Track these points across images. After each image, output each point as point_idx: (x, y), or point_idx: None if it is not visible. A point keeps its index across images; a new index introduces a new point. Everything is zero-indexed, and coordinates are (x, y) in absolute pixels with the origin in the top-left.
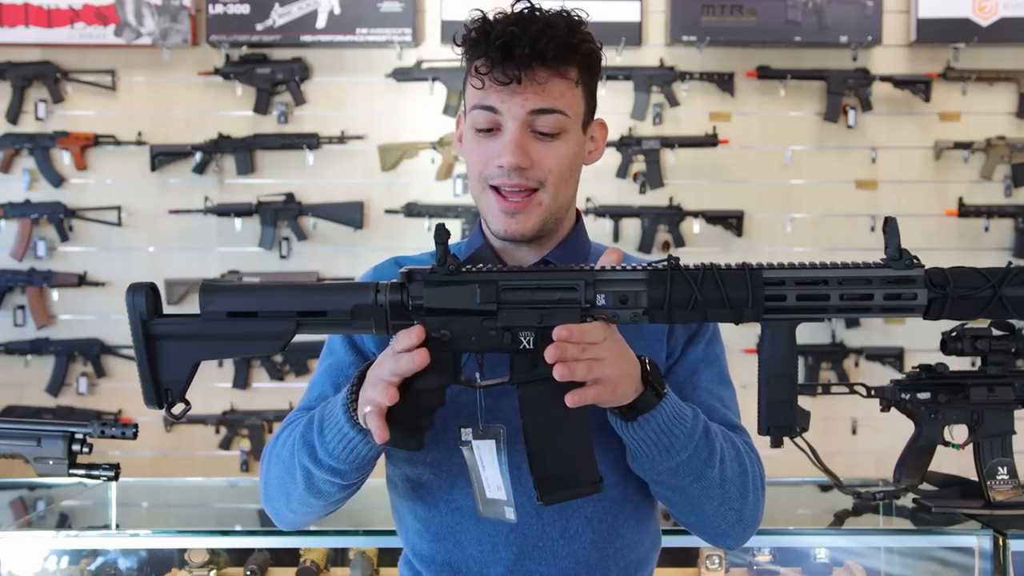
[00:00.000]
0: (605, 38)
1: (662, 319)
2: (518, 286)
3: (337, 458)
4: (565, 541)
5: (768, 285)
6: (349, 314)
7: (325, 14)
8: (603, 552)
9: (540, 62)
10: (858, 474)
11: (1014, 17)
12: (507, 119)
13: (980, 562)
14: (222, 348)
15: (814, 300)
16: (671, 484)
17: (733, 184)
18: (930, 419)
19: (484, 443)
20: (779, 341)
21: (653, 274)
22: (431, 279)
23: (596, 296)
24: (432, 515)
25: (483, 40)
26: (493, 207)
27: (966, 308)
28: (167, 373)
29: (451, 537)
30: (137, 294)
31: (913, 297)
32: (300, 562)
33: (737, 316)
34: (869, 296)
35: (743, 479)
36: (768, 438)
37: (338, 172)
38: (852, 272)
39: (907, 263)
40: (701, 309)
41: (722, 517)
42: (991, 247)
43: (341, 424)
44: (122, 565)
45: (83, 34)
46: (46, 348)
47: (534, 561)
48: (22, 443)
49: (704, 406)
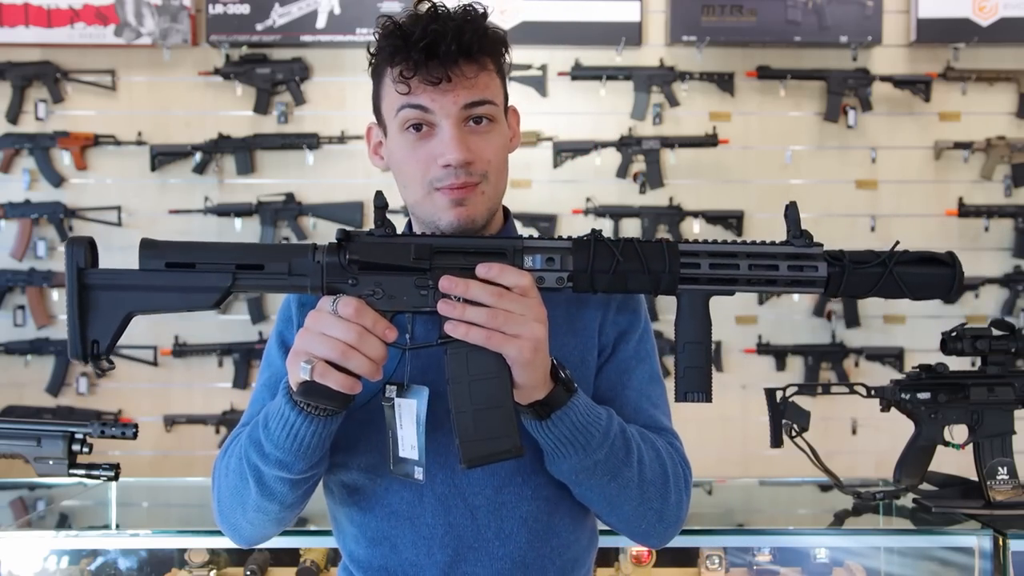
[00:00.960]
0: (605, 38)
1: (585, 285)
2: (450, 248)
3: (282, 447)
4: (500, 542)
5: (684, 256)
6: (286, 270)
7: (325, 14)
8: (539, 551)
9: (465, 57)
10: (858, 474)
11: (1014, 17)
12: (440, 118)
13: (980, 562)
14: (156, 299)
15: (725, 270)
16: (588, 484)
17: (733, 184)
18: (930, 419)
19: (405, 401)
20: (694, 311)
21: (577, 242)
22: (368, 240)
23: (524, 259)
24: (367, 520)
25: (403, 44)
26: (442, 203)
27: (861, 283)
28: (97, 325)
29: (387, 542)
30: (77, 246)
31: (813, 270)
32: (300, 562)
33: (655, 285)
34: (775, 267)
35: (663, 479)
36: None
37: (338, 172)
38: (759, 248)
39: (807, 242)
40: (621, 276)
41: (642, 517)
42: (991, 247)
43: (281, 407)
44: (122, 565)
45: (83, 34)
46: (46, 348)
47: (470, 563)
48: (22, 443)
49: (634, 406)
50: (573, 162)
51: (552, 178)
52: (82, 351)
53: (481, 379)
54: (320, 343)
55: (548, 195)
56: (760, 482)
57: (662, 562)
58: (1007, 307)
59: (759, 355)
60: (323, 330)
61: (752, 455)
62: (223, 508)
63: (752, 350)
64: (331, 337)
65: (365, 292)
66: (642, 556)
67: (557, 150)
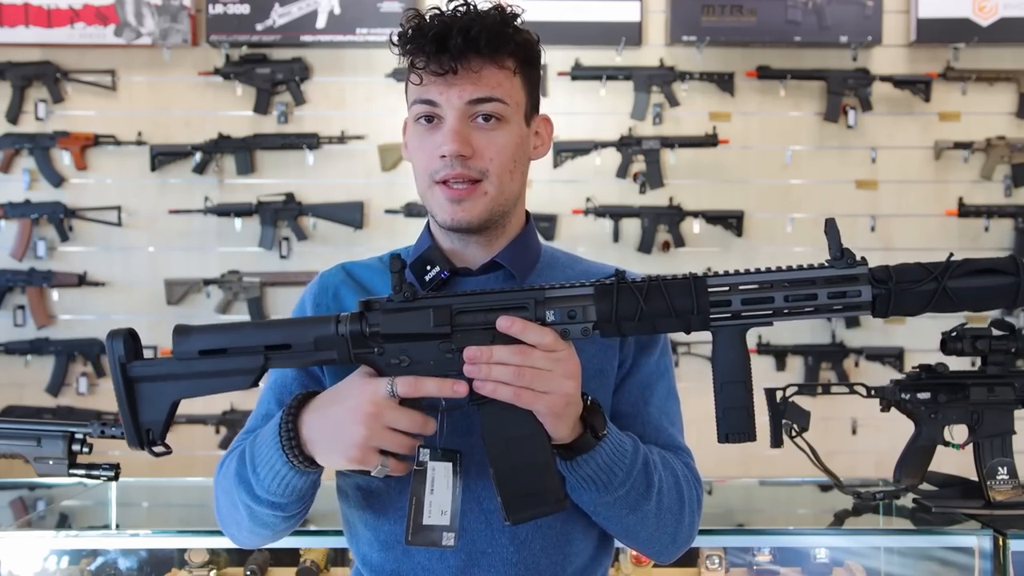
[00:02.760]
0: (605, 38)
1: (612, 332)
2: (470, 308)
3: (274, 493)
4: (515, 548)
5: (713, 292)
6: (312, 345)
7: (325, 14)
8: (552, 558)
9: (474, 51)
10: (858, 474)
11: (1014, 17)
12: (446, 110)
13: (980, 562)
14: (197, 386)
15: (759, 304)
16: (606, 515)
17: (733, 184)
18: (930, 419)
19: (441, 465)
20: (730, 347)
21: (600, 288)
22: (388, 307)
23: (546, 313)
24: (381, 523)
25: (418, 35)
26: (440, 198)
27: (912, 302)
28: (147, 414)
29: (399, 545)
30: (116, 339)
31: (857, 295)
32: (300, 562)
33: (685, 325)
34: (813, 296)
35: (679, 506)
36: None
37: (338, 172)
38: (796, 275)
39: (849, 262)
40: (648, 320)
41: (656, 540)
42: (991, 247)
43: (273, 462)
44: (122, 565)
45: (83, 34)
46: (46, 348)
47: (483, 568)
48: (22, 443)
49: (655, 425)
50: (573, 162)
51: (552, 178)
52: (138, 440)
53: (518, 437)
54: (391, 440)
55: (548, 195)
56: (760, 482)
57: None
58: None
59: (759, 355)
60: (392, 424)
61: (752, 455)
62: (222, 518)
63: (752, 350)
64: (399, 432)
65: (392, 361)
66: (642, 556)
67: (557, 150)
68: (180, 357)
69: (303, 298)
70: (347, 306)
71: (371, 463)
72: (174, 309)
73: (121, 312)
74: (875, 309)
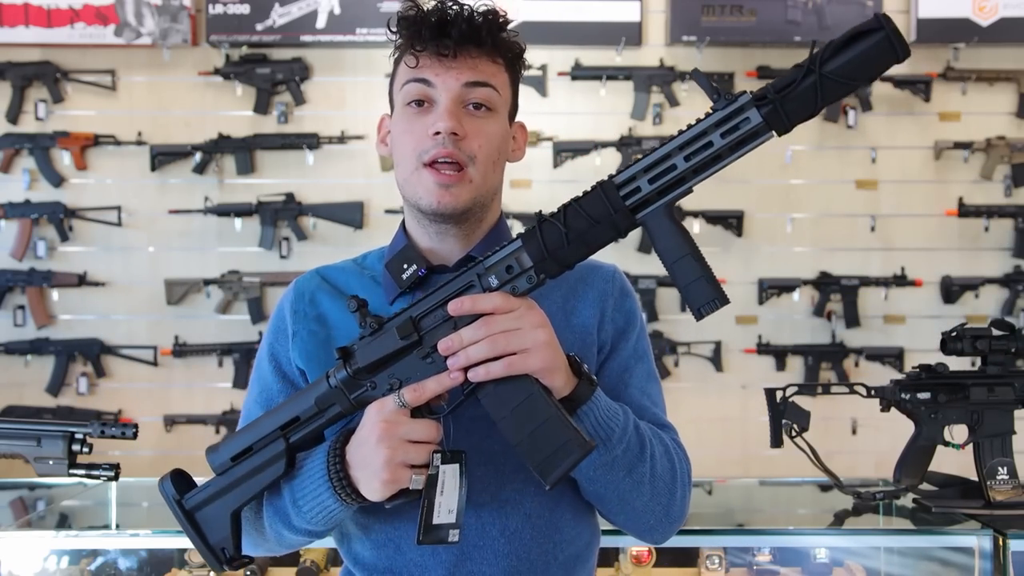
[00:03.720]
0: (605, 38)
1: (553, 268)
2: (428, 309)
3: (317, 524)
4: (506, 539)
5: (621, 187)
6: (315, 410)
7: (325, 14)
8: (543, 547)
9: (473, 42)
10: (858, 474)
11: (1014, 17)
12: (441, 92)
13: (980, 562)
14: (243, 491)
15: (666, 176)
16: (604, 480)
17: (733, 184)
18: (930, 419)
19: (450, 467)
20: (662, 229)
21: (525, 235)
22: (362, 344)
23: (490, 280)
24: (371, 522)
25: (419, 20)
26: (427, 182)
27: (802, 103)
28: (214, 536)
29: (391, 543)
30: (166, 483)
31: (747, 121)
32: (300, 562)
33: (614, 229)
34: (710, 144)
35: (672, 475)
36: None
37: (338, 172)
38: (687, 134)
39: (728, 99)
40: (579, 240)
41: (651, 512)
42: (991, 247)
43: (323, 499)
44: (122, 565)
45: (83, 34)
46: (46, 348)
47: (475, 562)
48: (22, 443)
49: (636, 405)
50: (573, 162)
51: (552, 178)
52: (217, 562)
53: (520, 405)
54: (414, 452)
55: (548, 195)
56: (760, 482)
57: (662, 562)
58: (1007, 307)
59: (759, 355)
60: (408, 436)
61: (752, 455)
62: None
63: (752, 350)
64: (419, 443)
65: (384, 389)
66: (642, 556)
67: (557, 150)
68: (219, 472)
69: (280, 306)
70: (325, 311)
71: (403, 479)
72: (174, 309)
73: (121, 312)
74: (772, 126)
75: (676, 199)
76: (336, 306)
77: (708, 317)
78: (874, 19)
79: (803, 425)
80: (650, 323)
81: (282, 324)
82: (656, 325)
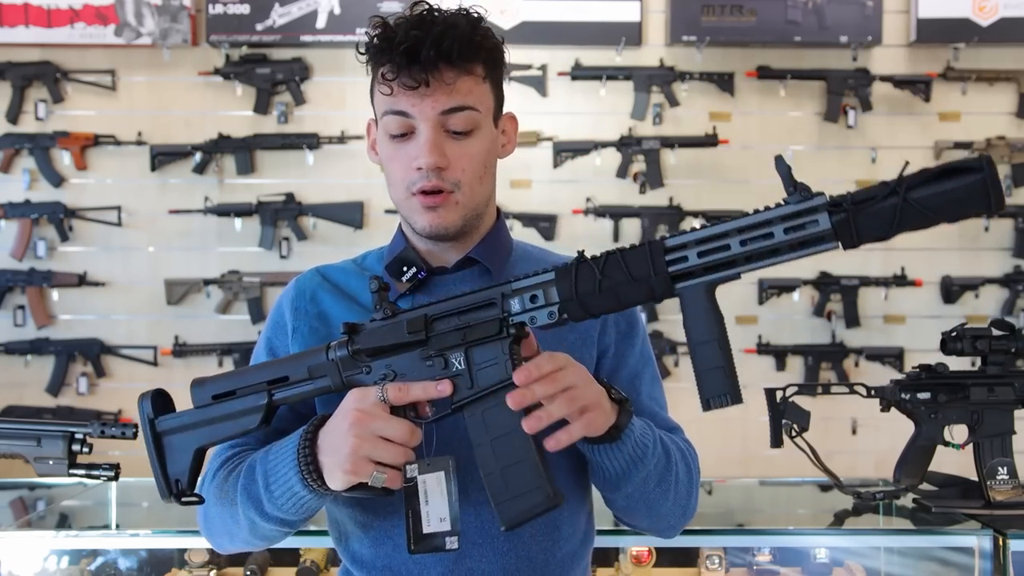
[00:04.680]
0: (605, 38)
1: (577, 312)
2: (442, 313)
3: (287, 511)
4: (505, 537)
5: (669, 252)
6: (306, 375)
7: (325, 14)
8: (542, 545)
9: (446, 63)
10: (858, 474)
11: (1014, 17)
12: (419, 122)
13: (980, 562)
14: (213, 431)
15: (717, 254)
16: (640, 494)
17: (733, 184)
18: (930, 419)
19: (431, 476)
20: (696, 306)
21: (560, 271)
22: (371, 327)
23: (511, 303)
24: (371, 520)
25: (387, 47)
26: (417, 207)
27: (876, 222)
28: (174, 466)
29: (390, 541)
30: (145, 400)
31: (815, 223)
32: (300, 562)
33: (648, 291)
34: (770, 235)
35: (689, 476)
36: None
37: (338, 172)
38: (749, 219)
39: (804, 195)
40: (610, 292)
41: (672, 514)
42: (991, 247)
43: (291, 484)
44: (122, 565)
45: (83, 34)
46: (46, 348)
47: (474, 559)
48: (22, 443)
49: (648, 412)
50: (573, 162)
51: (552, 178)
52: (168, 490)
53: (501, 436)
54: (385, 450)
55: (548, 195)
56: (760, 482)
57: (662, 562)
58: (1007, 307)
59: (759, 355)
60: (381, 433)
61: (752, 455)
62: (210, 527)
63: (752, 350)
64: (392, 442)
65: (378, 377)
66: (642, 556)
67: (557, 150)
68: (198, 405)
69: (279, 303)
70: (325, 308)
71: (364, 473)
72: (174, 309)
73: (121, 312)
74: (839, 237)
75: (721, 281)
76: (337, 304)
77: None
78: (977, 159)
79: (803, 425)
80: (650, 323)
81: (281, 320)
82: (656, 325)
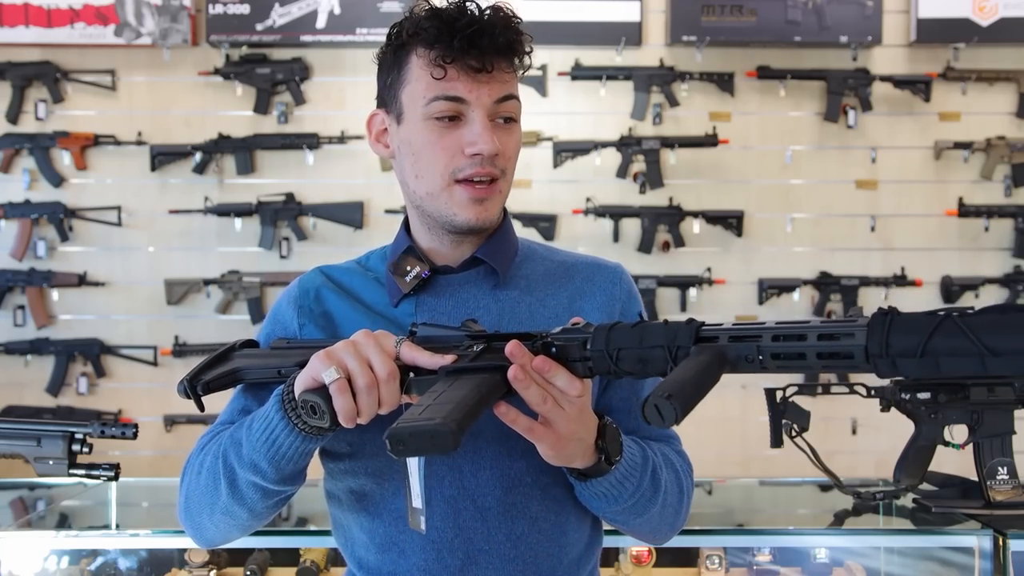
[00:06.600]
0: (605, 38)
1: (605, 366)
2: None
3: (259, 451)
4: (511, 544)
5: (700, 329)
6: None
7: (325, 14)
8: (549, 551)
9: (501, 53)
10: (858, 474)
11: (1014, 17)
12: (474, 108)
13: (980, 562)
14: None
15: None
16: (619, 520)
17: (733, 184)
18: (930, 419)
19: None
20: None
21: (598, 328)
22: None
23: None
24: (376, 525)
25: (446, 30)
26: (461, 198)
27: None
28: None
29: (395, 547)
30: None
31: (850, 336)
32: (300, 562)
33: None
34: (804, 336)
35: (679, 499)
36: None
37: (338, 172)
38: (789, 324)
39: (851, 315)
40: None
41: (657, 531)
42: (991, 247)
43: (269, 411)
44: (122, 565)
45: (83, 34)
46: (46, 348)
47: (481, 566)
48: (22, 443)
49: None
50: (573, 162)
51: (552, 178)
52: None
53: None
54: (357, 364)
55: (548, 195)
56: (760, 482)
57: (662, 562)
58: None
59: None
60: (366, 354)
61: (752, 455)
62: (190, 506)
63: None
64: (368, 366)
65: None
66: (642, 556)
67: (557, 150)
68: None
69: (281, 302)
70: (331, 308)
71: (330, 364)
72: (174, 309)
73: (121, 312)
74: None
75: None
76: (342, 304)
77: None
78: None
79: (803, 425)
80: None
81: (283, 318)
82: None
